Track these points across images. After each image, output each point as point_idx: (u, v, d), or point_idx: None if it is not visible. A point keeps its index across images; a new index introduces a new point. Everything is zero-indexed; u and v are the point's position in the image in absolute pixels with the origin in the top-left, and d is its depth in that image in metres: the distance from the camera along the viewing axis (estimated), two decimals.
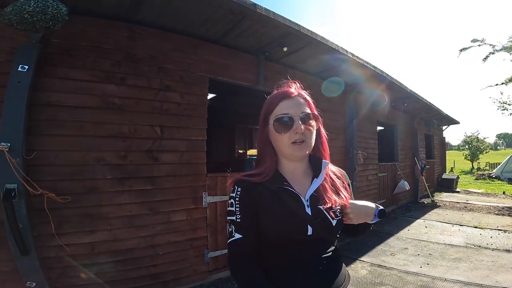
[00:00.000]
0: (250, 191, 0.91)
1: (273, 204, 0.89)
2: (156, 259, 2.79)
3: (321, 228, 0.90)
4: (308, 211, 0.90)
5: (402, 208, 7.36)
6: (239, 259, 0.86)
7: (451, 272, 3.39)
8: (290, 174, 0.96)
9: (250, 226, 0.88)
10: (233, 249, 0.88)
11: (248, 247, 0.87)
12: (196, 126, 3.10)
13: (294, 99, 0.94)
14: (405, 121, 8.10)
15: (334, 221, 0.92)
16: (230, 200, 0.92)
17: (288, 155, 0.95)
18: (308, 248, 0.89)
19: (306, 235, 0.88)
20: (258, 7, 2.72)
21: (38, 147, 2.30)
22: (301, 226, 0.88)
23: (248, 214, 0.89)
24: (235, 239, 0.87)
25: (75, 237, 2.42)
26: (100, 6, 2.46)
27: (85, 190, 2.49)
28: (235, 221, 0.88)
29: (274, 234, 0.87)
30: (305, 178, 0.98)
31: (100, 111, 2.59)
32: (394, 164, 7.38)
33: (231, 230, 0.88)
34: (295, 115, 0.90)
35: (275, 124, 0.92)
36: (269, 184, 0.91)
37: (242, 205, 0.90)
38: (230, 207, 0.91)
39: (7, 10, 1.81)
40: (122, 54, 2.69)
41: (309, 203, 0.92)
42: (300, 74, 4.37)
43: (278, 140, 0.93)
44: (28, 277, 2.15)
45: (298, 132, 0.89)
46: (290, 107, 0.92)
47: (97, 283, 2.51)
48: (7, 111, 2.12)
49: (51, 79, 2.39)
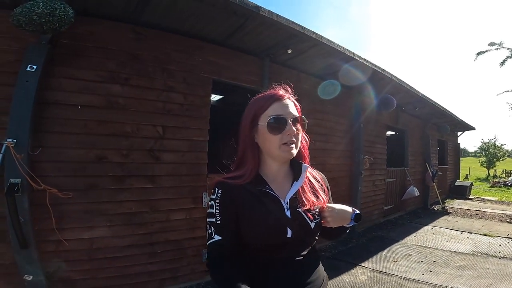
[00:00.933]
0: (230, 193, 0.91)
1: (253, 206, 0.90)
2: (154, 257, 2.84)
3: (300, 231, 0.91)
4: (287, 213, 0.92)
5: (410, 215, 7.19)
6: (219, 261, 0.86)
7: (454, 280, 3.30)
8: (272, 177, 0.98)
9: (230, 228, 0.89)
10: (212, 250, 0.88)
11: (227, 249, 0.87)
12: (198, 127, 3.14)
13: (287, 101, 0.96)
14: (416, 126, 7.93)
15: (313, 224, 0.93)
16: (211, 202, 0.92)
17: (276, 156, 0.95)
18: (288, 250, 0.91)
19: (286, 237, 0.89)
20: (261, 9, 2.73)
21: (43, 144, 2.38)
22: (281, 228, 0.89)
23: (228, 216, 0.89)
24: (215, 241, 0.87)
25: (74, 233, 2.50)
26: (107, 8, 2.53)
27: (87, 187, 2.56)
28: (215, 223, 0.89)
29: (254, 236, 0.89)
30: (286, 181, 0.99)
31: (104, 110, 2.65)
32: (403, 170, 7.22)
33: (210, 232, 0.89)
34: (289, 117, 0.92)
35: (269, 124, 0.91)
36: (250, 186, 0.92)
37: (222, 207, 0.90)
38: (210, 209, 0.92)
39: (17, 11, 1.89)
40: (126, 55, 2.75)
41: (289, 206, 0.93)
42: (306, 76, 4.35)
43: (268, 141, 0.93)
44: (26, 270, 2.23)
45: (291, 133, 0.91)
46: (284, 109, 0.93)
47: (94, 278, 2.58)
48: (15, 109, 2.21)
49: (58, 79, 2.47)
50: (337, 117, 4.94)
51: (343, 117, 5.09)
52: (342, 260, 4.00)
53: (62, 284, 2.48)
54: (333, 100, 4.74)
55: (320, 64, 4.11)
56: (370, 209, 5.86)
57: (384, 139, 6.45)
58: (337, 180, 4.89)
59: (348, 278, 3.40)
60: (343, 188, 5.06)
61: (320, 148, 4.54)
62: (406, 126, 7.39)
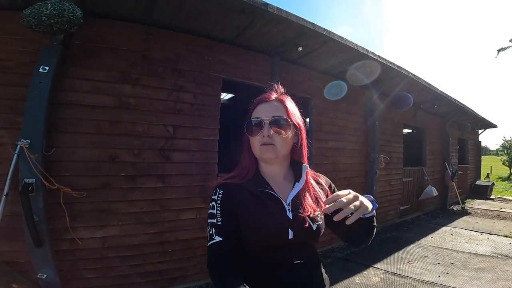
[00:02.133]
0: (231, 194, 0.92)
1: (255, 207, 0.90)
2: (164, 256, 2.86)
3: (302, 232, 0.90)
4: (289, 215, 0.91)
5: (428, 215, 6.96)
6: (219, 262, 0.85)
7: (471, 282, 3.16)
8: (271, 177, 0.98)
9: (231, 229, 0.88)
10: (212, 251, 0.87)
11: (228, 250, 0.87)
12: (208, 126, 3.13)
13: (270, 103, 0.97)
14: (435, 124, 7.64)
15: (315, 226, 0.93)
16: (212, 202, 0.92)
17: (258, 157, 0.98)
18: (289, 252, 0.90)
19: (287, 239, 0.89)
20: (269, 6, 2.67)
21: (57, 144, 2.44)
22: (282, 230, 0.89)
23: (229, 217, 0.89)
24: (215, 242, 0.86)
25: (87, 231, 2.54)
26: (116, 9, 2.55)
27: (99, 186, 2.60)
28: (216, 224, 0.88)
29: (255, 238, 0.88)
30: (287, 182, 0.99)
31: (115, 110, 2.68)
32: (421, 169, 6.98)
33: (211, 233, 0.88)
34: (265, 119, 0.93)
35: (248, 127, 0.96)
36: (251, 187, 0.93)
37: (223, 207, 0.90)
38: (211, 210, 0.91)
39: (26, 13, 1.93)
40: (137, 55, 2.77)
41: (290, 207, 0.93)
42: (317, 74, 4.25)
43: (251, 142, 0.97)
44: (40, 268, 2.28)
45: (265, 135, 0.92)
46: (262, 111, 0.95)
47: (106, 276, 2.62)
48: (29, 110, 2.25)
49: (71, 79, 2.52)
50: (351, 115, 4.81)
51: (357, 115, 4.96)
52: (354, 261, 3.91)
53: (75, 282, 2.54)
54: (346, 98, 4.62)
55: (332, 62, 4.00)
56: (385, 209, 5.71)
57: (401, 137, 6.25)
58: (350, 180, 4.78)
59: (360, 279, 3.31)
60: (357, 188, 4.91)
61: (333, 147, 4.45)
62: (424, 124, 7.13)
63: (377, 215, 3.69)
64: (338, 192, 0.81)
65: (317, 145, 4.19)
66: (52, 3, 1.92)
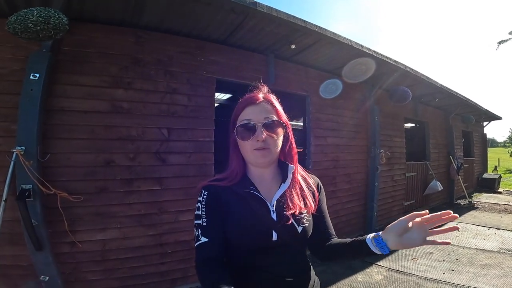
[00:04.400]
0: (216, 195, 0.91)
1: (239, 208, 0.90)
2: (165, 257, 2.86)
3: (286, 234, 0.89)
4: (273, 216, 0.90)
5: (434, 210, 6.47)
6: (206, 263, 0.85)
7: (477, 279, 3.10)
8: (258, 179, 0.97)
9: (217, 230, 0.88)
10: (199, 253, 0.87)
11: (214, 251, 0.86)
12: (203, 128, 3.13)
13: (260, 105, 0.93)
14: (438, 117, 7.54)
15: (300, 228, 0.91)
16: (197, 204, 0.92)
17: (251, 161, 0.96)
18: (274, 254, 0.89)
19: (271, 240, 0.88)
20: (258, 5, 2.66)
21: (52, 150, 2.46)
22: (266, 231, 0.88)
23: (214, 218, 0.89)
24: (201, 243, 0.86)
25: (87, 234, 2.56)
26: (104, 13, 2.56)
27: (96, 190, 2.62)
28: (202, 225, 0.88)
29: (239, 239, 0.88)
30: (273, 183, 0.97)
31: (109, 115, 2.70)
32: (425, 164, 6.89)
33: (197, 234, 0.88)
34: (258, 122, 0.90)
35: (238, 130, 0.93)
36: (236, 188, 0.92)
37: (208, 208, 0.90)
38: (197, 211, 0.91)
39: (12, 19, 1.93)
40: (129, 59, 2.78)
41: (275, 208, 0.91)
42: (314, 71, 4.22)
43: (241, 146, 0.94)
44: (42, 271, 2.31)
45: (259, 139, 0.89)
46: (253, 114, 0.92)
47: (107, 278, 2.63)
48: (22, 117, 2.28)
49: (63, 86, 2.53)
50: (350, 111, 4.77)
51: (357, 111, 4.90)
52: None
53: (78, 284, 2.56)
54: (344, 95, 4.59)
55: (328, 58, 3.98)
56: (389, 205, 5.64)
57: (403, 132, 6.17)
58: (352, 177, 4.74)
59: (362, 277, 3.27)
60: (359, 184, 4.89)
61: (332, 144, 4.41)
62: (426, 117, 7.03)
63: (381, 211, 3.70)
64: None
65: (316, 142, 4.17)
66: (38, 10, 1.93)
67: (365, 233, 4.87)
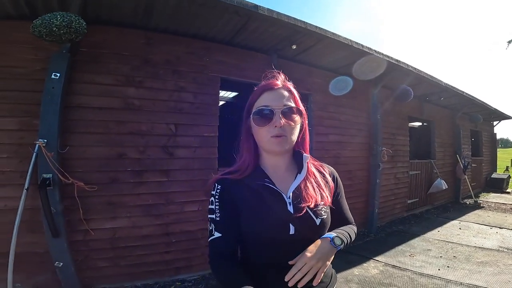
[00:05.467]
0: (230, 189, 0.89)
1: (254, 202, 0.87)
2: (170, 246, 3.06)
3: (304, 228, 0.86)
4: (290, 209, 0.87)
5: (438, 209, 6.89)
6: (220, 258, 0.84)
7: (471, 276, 3.18)
8: (272, 170, 0.94)
9: (230, 224, 0.86)
10: (213, 248, 0.86)
11: (228, 246, 0.85)
12: (208, 124, 3.31)
13: (278, 91, 0.90)
14: (445, 116, 7.54)
15: (318, 220, 0.88)
16: (211, 198, 0.90)
17: (267, 149, 0.92)
18: (291, 248, 0.84)
19: (288, 234, 0.84)
20: (260, 8, 2.82)
21: (70, 143, 2.68)
22: (283, 225, 0.84)
23: (228, 212, 0.87)
24: (215, 238, 0.85)
25: (99, 223, 2.78)
26: (118, 15, 2.76)
27: (109, 181, 2.83)
28: (215, 220, 0.87)
29: (255, 234, 0.85)
30: (288, 174, 0.95)
31: (122, 111, 2.91)
32: (429, 162, 6.91)
33: (211, 229, 0.87)
34: (276, 108, 0.87)
35: (255, 116, 0.89)
36: (250, 181, 0.89)
37: (221, 203, 0.88)
38: (210, 205, 0.89)
39: (37, 23, 2.14)
40: (140, 59, 2.98)
41: (291, 200, 0.88)
42: (317, 70, 4.35)
43: (257, 133, 0.90)
44: (57, 258, 2.52)
45: (277, 126, 0.86)
46: (271, 100, 0.88)
47: (116, 266, 2.85)
48: (44, 113, 2.50)
49: (80, 84, 2.76)
50: (353, 109, 4.87)
51: (360, 109, 5.00)
52: (357, 254, 3.95)
53: (89, 271, 2.78)
54: (348, 93, 4.70)
55: (331, 58, 4.11)
56: (391, 203, 5.72)
57: (407, 130, 6.23)
58: (353, 173, 4.85)
59: (358, 271, 3.39)
60: (360, 181, 4.99)
61: (334, 141, 4.54)
62: (432, 116, 7.05)
63: (383, 208, 3.91)
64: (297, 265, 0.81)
65: (318, 139, 4.30)
66: (61, 15, 2.14)
67: (367, 229, 5.00)
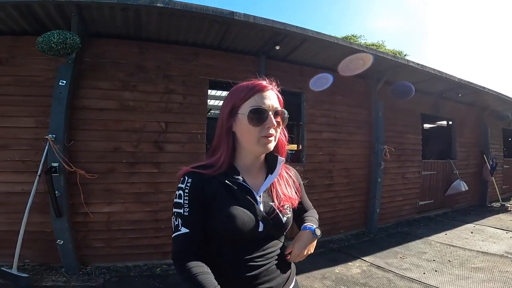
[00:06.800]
0: (201, 184, 0.88)
1: (225, 198, 0.87)
2: (159, 232, 3.42)
3: (271, 225, 0.90)
4: (260, 207, 0.90)
5: (458, 212, 6.49)
6: (186, 254, 0.82)
7: (455, 282, 3.06)
8: (245, 168, 0.95)
9: (198, 220, 0.85)
10: (179, 243, 0.84)
11: (195, 242, 0.84)
12: (196, 122, 3.64)
13: (269, 92, 0.91)
14: (469, 114, 7.05)
15: (284, 218, 0.93)
16: (179, 191, 0.88)
17: (254, 149, 0.92)
18: (258, 244, 0.89)
19: (257, 231, 0.88)
20: (236, 14, 3.07)
21: (75, 138, 3.18)
22: (253, 222, 0.87)
23: (197, 208, 0.86)
24: (182, 233, 0.83)
25: (97, 207, 3.24)
26: (114, 29, 3.23)
27: (106, 170, 3.29)
28: (183, 215, 0.85)
29: (225, 230, 0.85)
30: (260, 174, 0.98)
31: (118, 112, 3.36)
32: (448, 162, 6.53)
33: (177, 224, 0.85)
34: (270, 110, 0.88)
35: (250, 116, 0.87)
36: (222, 177, 0.89)
37: (191, 198, 0.86)
38: (178, 199, 0.87)
39: (39, 40, 2.65)
40: (134, 66, 3.42)
41: (262, 199, 0.92)
42: (309, 69, 4.46)
43: (247, 132, 0.89)
44: (59, 236, 3.00)
45: (271, 126, 0.88)
46: (265, 100, 0.89)
47: (109, 247, 3.29)
48: (53, 113, 3.02)
49: (84, 89, 3.26)
50: (350, 107, 4.87)
51: (358, 106, 4.97)
52: (346, 253, 3.96)
53: (85, 249, 3.25)
54: (344, 91, 4.74)
55: (322, 56, 4.21)
56: (398, 203, 5.56)
57: (418, 128, 5.99)
58: (351, 171, 4.85)
59: (339, 269, 3.39)
60: (359, 179, 4.96)
61: (328, 138, 4.59)
62: (451, 114, 6.67)
63: (387, 209, 4.11)
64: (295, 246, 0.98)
65: (310, 136, 4.41)
66: (57, 33, 2.62)
67: (366, 229, 4.96)
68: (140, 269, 3.30)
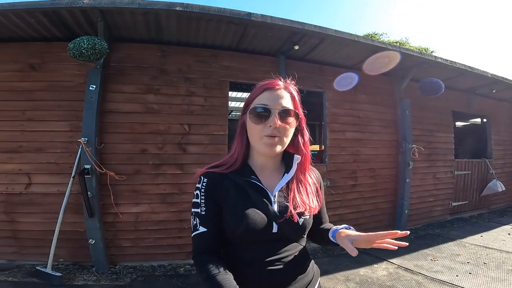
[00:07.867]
0: (216, 183, 0.88)
1: (238, 198, 0.87)
2: (182, 232, 3.50)
3: (287, 226, 0.87)
4: (274, 207, 0.88)
5: (495, 213, 6.08)
6: (205, 254, 0.84)
7: (490, 285, 2.86)
8: (259, 168, 0.94)
9: (216, 219, 0.86)
10: (198, 243, 0.85)
11: (213, 241, 0.85)
12: (217, 123, 3.70)
13: (278, 91, 0.89)
14: (504, 111, 6.60)
15: (301, 220, 0.89)
16: (196, 191, 0.89)
17: (257, 149, 0.91)
18: (272, 246, 0.87)
19: (271, 232, 0.86)
20: (253, 15, 3.09)
21: (105, 141, 3.35)
22: (266, 223, 0.85)
23: (214, 207, 0.87)
24: (200, 233, 0.85)
25: (126, 207, 3.37)
26: (136, 33, 3.37)
27: (134, 172, 3.43)
28: (200, 214, 0.86)
29: (237, 230, 0.84)
30: (276, 173, 0.95)
31: (143, 115, 3.49)
32: (483, 161, 6.12)
33: (195, 223, 0.86)
34: (274, 108, 0.86)
35: (251, 114, 0.88)
36: (236, 176, 0.89)
37: (207, 197, 0.87)
38: (195, 199, 0.89)
39: (70, 46, 2.80)
40: (156, 70, 3.54)
41: (277, 199, 0.90)
42: (330, 68, 4.38)
43: (251, 130, 0.90)
44: (91, 235, 3.15)
45: (272, 126, 0.85)
46: (270, 99, 0.88)
47: (136, 246, 3.41)
48: (85, 117, 3.20)
49: (112, 93, 3.42)
50: (374, 105, 4.72)
51: (383, 105, 4.80)
52: (372, 254, 3.79)
53: (114, 249, 3.39)
54: (367, 89, 4.61)
55: (342, 55, 4.12)
56: (429, 205, 5.29)
57: (449, 126, 5.67)
58: (377, 172, 4.69)
59: (364, 271, 3.29)
60: (386, 180, 4.77)
61: (351, 138, 4.48)
62: (486, 111, 6.26)
63: (416, 210, 4.05)
64: None
65: (332, 136, 4.33)
66: (87, 39, 2.77)
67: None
68: (165, 269, 3.38)
